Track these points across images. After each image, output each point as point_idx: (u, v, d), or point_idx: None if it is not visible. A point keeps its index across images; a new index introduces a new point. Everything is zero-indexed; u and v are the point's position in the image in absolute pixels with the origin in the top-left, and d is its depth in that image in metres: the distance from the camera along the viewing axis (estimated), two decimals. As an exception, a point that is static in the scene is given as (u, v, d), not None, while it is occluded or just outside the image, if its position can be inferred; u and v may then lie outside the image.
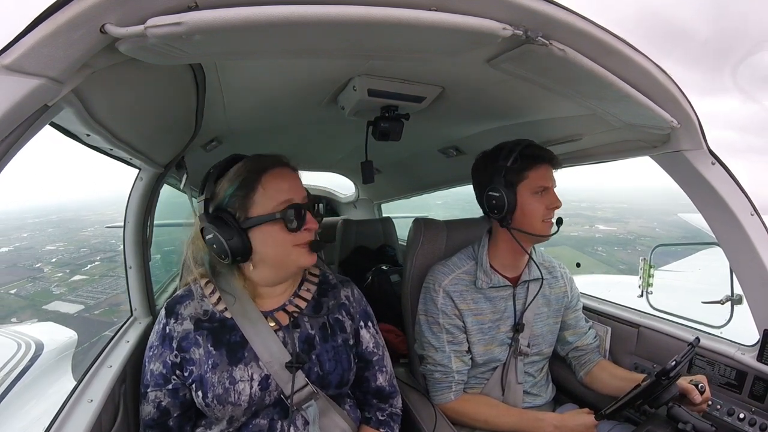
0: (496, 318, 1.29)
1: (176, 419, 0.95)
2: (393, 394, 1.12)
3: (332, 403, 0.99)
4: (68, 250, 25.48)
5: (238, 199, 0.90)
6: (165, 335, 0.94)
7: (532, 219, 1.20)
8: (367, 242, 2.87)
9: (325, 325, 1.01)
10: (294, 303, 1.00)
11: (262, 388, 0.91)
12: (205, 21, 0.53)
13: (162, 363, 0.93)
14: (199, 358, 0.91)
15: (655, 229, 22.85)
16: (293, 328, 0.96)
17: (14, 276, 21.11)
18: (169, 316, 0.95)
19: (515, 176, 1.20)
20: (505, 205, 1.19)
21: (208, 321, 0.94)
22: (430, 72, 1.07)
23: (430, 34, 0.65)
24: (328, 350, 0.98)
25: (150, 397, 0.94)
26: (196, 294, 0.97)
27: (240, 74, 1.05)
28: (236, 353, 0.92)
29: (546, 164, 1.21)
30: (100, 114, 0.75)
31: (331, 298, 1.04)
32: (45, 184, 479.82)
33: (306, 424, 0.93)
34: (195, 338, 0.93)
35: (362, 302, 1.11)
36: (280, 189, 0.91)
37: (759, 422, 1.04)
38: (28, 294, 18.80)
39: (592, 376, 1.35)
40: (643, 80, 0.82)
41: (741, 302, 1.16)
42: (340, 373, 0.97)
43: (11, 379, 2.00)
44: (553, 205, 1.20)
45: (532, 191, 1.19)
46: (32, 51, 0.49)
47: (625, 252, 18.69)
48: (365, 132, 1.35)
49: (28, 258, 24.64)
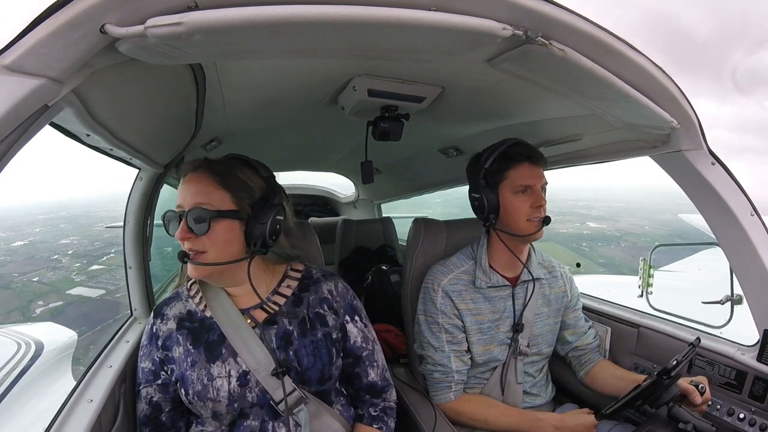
0: (496, 318, 1.29)
1: (168, 414, 0.97)
2: (386, 388, 1.11)
3: (323, 405, 0.99)
4: (82, 243, 27.06)
5: None
6: (152, 335, 0.98)
7: (516, 219, 1.20)
8: (367, 242, 2.87)
9: (305, 320, 1.00)
10: (272, 300, 1.00)
11: (241, 384, 0.91)
12: (205, 21, 0.53)
13: (151, 361, 0.97)
14: (179, 357, 0.94)
15: (644, 227, 23.42)
16: (269, 325, 0.97)
17: (34, 266, 22.80)
18: (156, 317, 1.00)
19: (495, 177, 1.21)
20: (485, 206, 1.20)
21: (189, 321, 0.98)
22: (430, 72, 1.07)
23: (430, 34, 0.65)
24: (306, 345, 0.97)
25: (143, 394, 0.97)
26: (183, 295, 1.02)
27: (240, 74, 1.05)
28: (213, 351, 0.94)
29: (527, 162, 1.19)
30: (100, 114, 0.75)
31: (312, 292, 1.03)
32: (49, 182, 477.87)
33: (298, 427, 0.94)
34: (176, 337, 0.96)
35: (347, 296, 1.09)
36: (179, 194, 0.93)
37: (759, 422, 1.04)
38: (50, 281, 20.33)
39: (591, 376, 1.35)
40: (643, 80, 0.82)
41: (741, 302, 1.16)
42: (319, 368, 0.96)
43: (11, 379, 2.00)
44: (536, 204, 1.19)
45: (512, 191, 1.19)
46: (32, 51, 0.49)
47: (608, 248, 19.50)
48: (365, 132, 1.35)
49: (44, 251, 26.58)
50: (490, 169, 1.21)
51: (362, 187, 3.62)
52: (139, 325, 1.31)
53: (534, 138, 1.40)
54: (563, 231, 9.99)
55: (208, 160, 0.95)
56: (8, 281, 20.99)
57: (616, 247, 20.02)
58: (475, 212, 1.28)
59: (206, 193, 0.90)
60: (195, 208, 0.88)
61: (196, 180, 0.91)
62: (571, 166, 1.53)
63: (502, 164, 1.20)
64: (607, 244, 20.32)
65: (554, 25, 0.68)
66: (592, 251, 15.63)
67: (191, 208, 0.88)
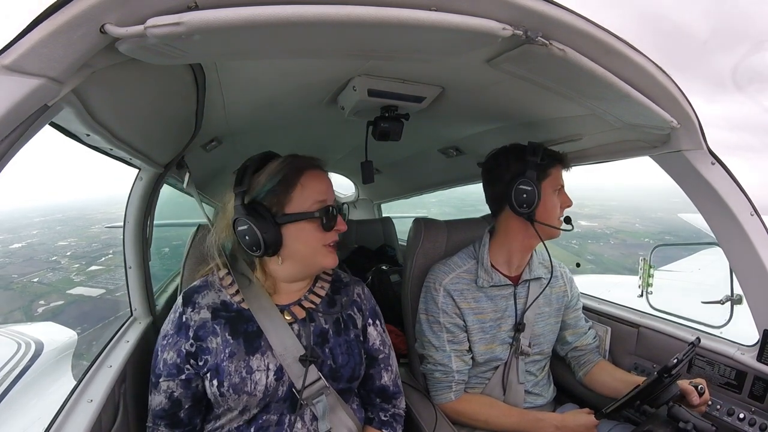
0: (498, 317, 1.29)
1: (187, 411, 0.95)
2: (397, 395, 1.12)
3: (341, 400, 1.00)
4: (80, 245, 27.40)
5: (275, 194, 0.93)
6: (181, 324, 0.94)
7: (552, 216, 1.23)
8: (367, 242, 2.87)
9: (339, 320, 1.03)
10: (309, 299, 1.03)
11: (277, 378, 0.91)
12: (205, 21, 0.53)
13: (176, 352, 0.93)
14: (216, 347, 0.92)
15: (635, 225, 23.83)
16: (308, 322, 0.98)
17: (33, 267, 23.06)
18: (186, 305, 0.96)
19: (542, 173, 1.23)
20: (535, 199, 1.20)
21: (225, 311, 0.96)
22: (430, 72, 1.07)
23: (430, 34, 0.65)
24: (341, 344, 1.00)
25: (162, 387, 0.93)
26: (215, 284, 0.99)
27: (240, 74, 1.05)
28: (253, 343, 0.93)
29: (561, 165, 1.26)
30: (100, 114, 0.75)
31: (344, 294, 1.07)
32: (45, 184, 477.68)
33: (314, 420, 0.94)
34: (212, 327, 0.93)
35: (371, 301, 1.14)
36: (318, 189, 0.95)
37: (759, 422, 1.04)
38: (50, 282, 20.61)
39: (591, 377, 1.35)
40: (643, 80, 0.82)
41: (741, 302, 1.16)
42: (352, 367, 0.99)
43: (11, 379, 2.00)
44: (566, 204, 1.25)
45: (553, 189, 1.23)
46: (32, 51, 0.49)
47: (597, 245, 20.03)
48: (365, 132, 1.35)
49: (42, 252, 27.02)
50: (540, 164, 1.21)
51: (362, 187, 3.62)
52: (140, 325, 1.31)
53: (534, 138, 1.40)
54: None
55: (313, 157, 1.01)
56: (8, 282, 21.17)
57: (605, 244, 20.49)
58: (517, 206, 1.21)
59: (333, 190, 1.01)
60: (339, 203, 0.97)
61: (325, 177, 0.99)
62: (571, 165, 1.53)
63: (550, 162, 1.23)
64: (596, 242, 20.71)
65: (554, 25, 0.68)
66: (582, 248, 15.83)
67: (337, 203, 0.99)
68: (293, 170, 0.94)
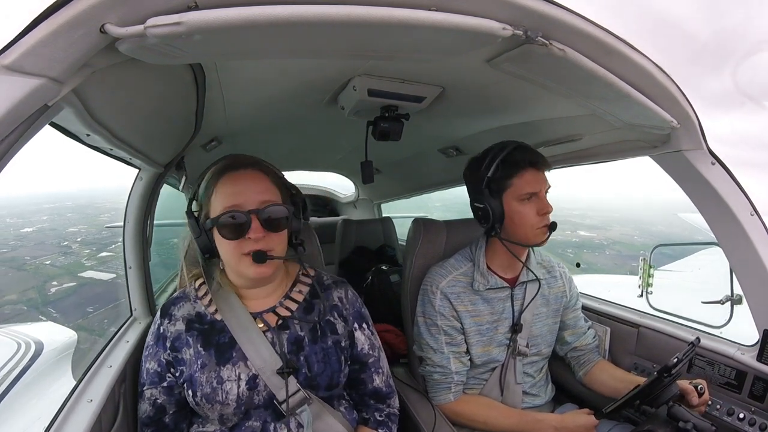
0: (494, 319, 1.29)
1: (172, 416, 0.96)
2: (390, 395, 1.12)
3: (326, 406, 0.99)
4: (90, 232, 27.95)
5: (204, 199, 0.93)
6: (159, 335, 0.96)
7: (524, 227, 1.17)
8: (367, 242, 2.87)
9: (316, 327, 1.00)
10: (284, 305, 1.00)
11: (250, 387, 0.91)
12: (205, 21, 0.53)
13: (157, 362, 0.95)
14: (189, 358, 0.93)
15: (633, 237, 24.30)
16: (282, 330, 0.97)
17: (45, 251, 23.74)
18: (164, 317, 0.98)
19: (499, 185, 1.16)
20: (490, 217, 1.16)
21: (199, 322, 0.96)
22: (430, 72, 1.07)
23: (430, 34, 0.65)
24: (317, 352, 0.97)
25: (146, 395, 0.95)
26: (191, 295, 1.00)
27: (240, 74, 1.05)
28: (224, 354, 0.93)
29: (531, 169, 1.15)
30: (100, 114, 0.75)
31: (323, 299, 1.02)
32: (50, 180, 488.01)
33: (300, 427, 0.93)
34: (186, 339, 0.95)
35: (356, 304, 1.09)
36: (226, 194, 0.90)
37: (759, 422, 1.04)
38: (62, 265, 21.04)
39: (590, 377, 1.35)
40: (643, 80, 0.82)
41: (741, 302, 1.16)
42: (329, 375, 0.96)
43: (11, 379, 2.00)
44: (543, 211, 1.15)
45: (518, 199, 1.15)
46: (32, 51, 0.49)
47: (593, 255, 20.47)
48: (365, 132, 1.35)
49: (53, 237, 27.58)
50: (493, 177, 1.16)
51: (362, 187, 3.62)
52: (140, 325, 1.31)
53: (534, 138, 1.40)
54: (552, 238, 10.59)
55: (249, 157, 0.95)
56: (21, 263, 21.59)
57: (600, 254, 20.87)
58: (478, 222, 1.24)
59: (270, 191, 0.90)
60: (271, 206, 0.88)
61: (253, 178, 0.91)
62: (571, 165, 1.53)
63: (506, 171, 1.15)
64: (592, 252, 21.06)
65: (554, 25, 0.68)
66: (576, 257, 16.08)
67: (265, 206, 0.88)
68: (214, 174, 0.93)
